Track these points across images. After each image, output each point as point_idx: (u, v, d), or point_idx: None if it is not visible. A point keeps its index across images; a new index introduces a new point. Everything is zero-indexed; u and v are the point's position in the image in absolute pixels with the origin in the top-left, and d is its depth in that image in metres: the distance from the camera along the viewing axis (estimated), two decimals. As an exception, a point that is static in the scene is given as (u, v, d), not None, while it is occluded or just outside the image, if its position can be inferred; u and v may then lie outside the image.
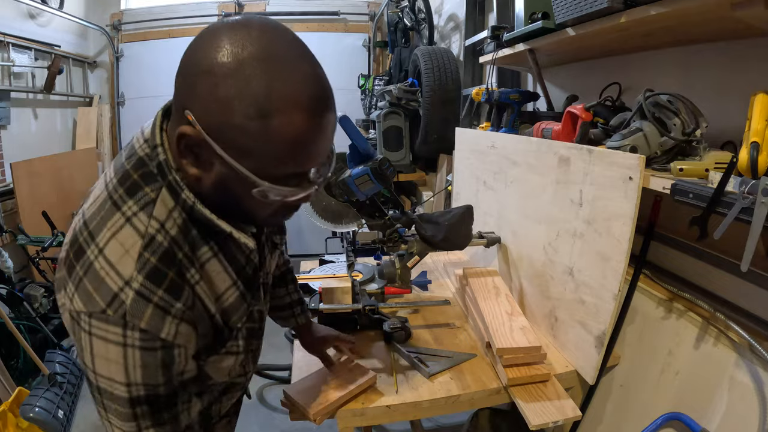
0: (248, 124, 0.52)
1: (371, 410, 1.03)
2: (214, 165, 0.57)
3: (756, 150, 0.75)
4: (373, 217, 1.37)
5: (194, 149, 0.57)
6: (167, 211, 0.60)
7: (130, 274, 0.57)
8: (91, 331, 0.57)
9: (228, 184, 0.58)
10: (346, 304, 1.32)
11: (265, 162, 0.55)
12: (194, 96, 0.54)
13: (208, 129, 0.54)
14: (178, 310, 0.59)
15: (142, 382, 0.58)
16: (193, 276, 0.62)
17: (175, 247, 0.60)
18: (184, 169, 0.59)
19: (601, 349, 1.05)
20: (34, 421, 1.93)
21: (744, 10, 0.80)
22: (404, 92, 2.92)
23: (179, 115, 0.56)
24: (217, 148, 0.54)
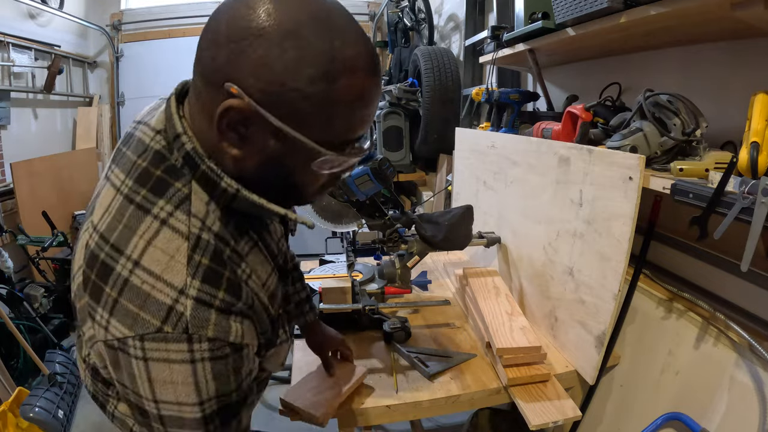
0: (311, 88, 0.47)
1: (371, 410, 1.03)
2: (264, 140, 0.51)
3: (756, 150, 0.75)
4: (373, 217, 1.37)
5: (239, 126, 0.50)
6: (205, 206, 0.55)
7: (183, 282, 0.51)
8: (146, 356, 0.50)
9: (280, 160, 0.53)
10: (346, 304, 1.32)
11: (327, 129, 0.51)
12: (240, 65, 0.47)
13: (260, 100, 0.48)
14: (240, 309, 0.54)
15: (215, 395, 0.53)
16: (244, 271, 0.58)
17: (222, 244, 0.55)
18: (222, 152, 0.53)
19: (601, 349, 1.05)
20: (34, 421, 1.93)
21: (744, 10, 0.80)
22: (404, 92, 2.92)
23: (214, 91, 0.49)
24: (273, 119, 0.48)
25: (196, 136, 0.56)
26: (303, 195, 0.62)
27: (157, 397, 0.52)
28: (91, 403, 0.64)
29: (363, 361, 1.18)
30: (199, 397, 0.52)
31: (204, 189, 0.55)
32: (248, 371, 0.58)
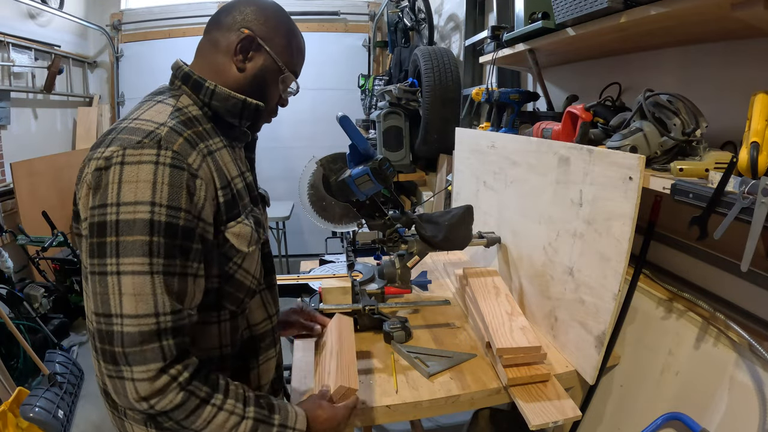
0: (283, 38, 0.84)
1: (371, 410, 1.03)
2: (258, 59, 0.82)
3: (756, 150, 0.75)
4: (373, 217, 1.37)
5: (247, 49, 0.80)
6: (190, 100, 0.79)
7: (164, 120, 0.72)
8: (123, 161, 0.66)
9: (264, 73, 0.83)
10: (346, 304, 1.32)
11: (287, 59, 0.85)
12: (251, 21, 0.81)
13: (262, 38, 0.81)
14: (202, 149, 0.73)
15: (167, 203, 0.65)
16: (212, 144, 0.77)
17: (196, 121, 0.77)
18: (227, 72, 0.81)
19: (601, 349, 1.05)
20: (34, 421, 1.93)
21: (744, 10, 0.80)
22: (404, 92, 2.92)
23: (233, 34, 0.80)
24: (266, 46, 0.82)
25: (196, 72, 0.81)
26: (265, 112, 0.86)
27: (121, 199, 0.64)
28: (91, 402, 0.64)
29: (363, 362, 1.18)
30: (152, 196, 0.65)
31: (192, 91, 0.79)
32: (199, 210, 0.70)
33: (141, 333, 0.64)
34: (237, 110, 0.80)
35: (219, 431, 0.71)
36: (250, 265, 0.83)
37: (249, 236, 0.79)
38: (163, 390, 0.66)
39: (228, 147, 0.81)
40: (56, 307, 3.01)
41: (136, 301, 0.64)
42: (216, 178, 0.74)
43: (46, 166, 3.54)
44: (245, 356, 0.89)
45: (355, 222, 1.59)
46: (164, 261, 0.66)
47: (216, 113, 0.80)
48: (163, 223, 0.65)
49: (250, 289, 0.84)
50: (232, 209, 0.77)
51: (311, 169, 1.54)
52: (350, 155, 1.25)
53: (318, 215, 1.59)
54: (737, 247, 0.77)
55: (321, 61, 4.83)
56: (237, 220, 0.78)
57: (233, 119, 0.81)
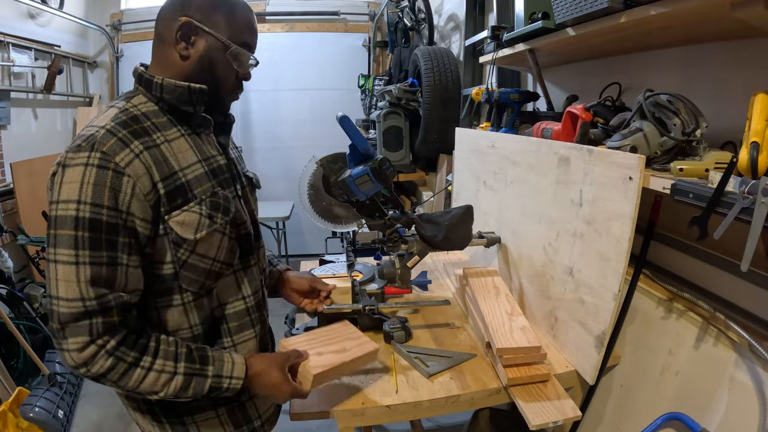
0: (222, 15, 0.84)
1: (371, 410, 1.03)
2: (201, 44, 0.84)
3: (756, 150, 0.75)
4: (373, 217, 1.37)
5: (188, 36, 0.83)
6: (143, 99, 0.85)
7: (105, 123, 0.78)
8: (65, 162, 0.75)
9: (209, 54, 0.84)
10: (346, 304, 1.32)
11: (230, 34, 0.85)
12: (187, 7, 0.83)
13: (199, 21, 0.83)
14: (136, 146, 0.78)
15: (90, 201, 0.73)
16: (159, 137, 0.82)
17: (144, 117, 0.82)
18: (173, 64, 0.84)
19: (601, 349, 1.05)
20: (34, 421, 1.93)
21: (743, 10, 0.80)
22: (404, 92, 2.92)
23: (172, 24, 0.82)
24: (206, 28, 0.83)
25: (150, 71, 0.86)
26: (222, 87, 0.88)
27: (59, 197, 0.74)
28: (91, 402, 0.66)
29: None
30: (78, 195, 0.73)
31: (146, 90, 0.85)
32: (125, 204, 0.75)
33: (71, 314, 0.73)
34: (186, 98, 0.84)
35: (153, 387, 0.79)
36: (207, 249, 0.85)
37: (196, 223, 0.82)
38: (92, 358, 0.75)
39: (187, 135, 0.86)
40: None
41: (66, 286, 0.73)
42: (154, 172, 0.79)
43: (46, 166, 3.51)
44: (219, 334, 0.93)
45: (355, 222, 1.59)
46: (89, 252, 0.74)
47: (171, 105, 0.85)
48: (87, 219, 0.73)
49: (211, 271, 0.87)
50: (175, 198, 0.81)
51: (311, 169, 1.54)
52: (350, 155, 1.25)
53: (318, 215, 1.59)
54: (737, 247, 0.77)
55: (321, 61, 4.83)
56: (183, 208, 0.81)
57: (187, 107, 0.85)
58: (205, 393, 0.83)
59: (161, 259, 0.82)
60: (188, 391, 0.81)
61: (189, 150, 0.85)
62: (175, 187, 0.81)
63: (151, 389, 0.79)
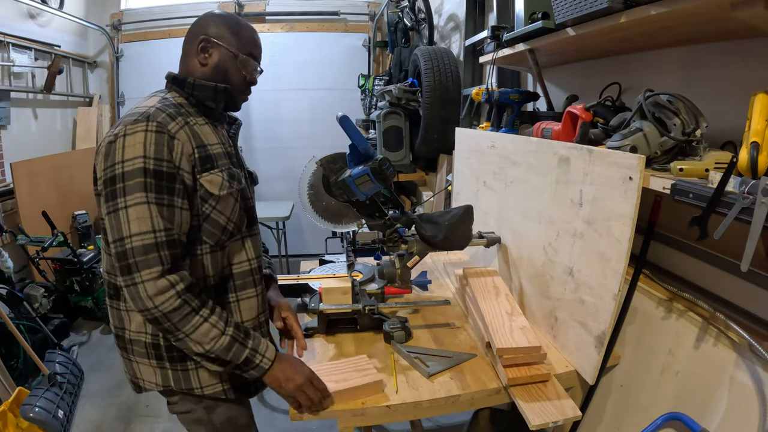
0: (231, 32, 1.06)
1: (371, 410, 1.03)
2: (215, 54, 1.06)
3: (756, 150, 0.75)
4: (373, 217, 1.37)
5: (205, 48, 1.05)
6: (176, 94, 1.06)
7: (153, 104, 0.98)
8: (125, 132, 0.92)
9: (222, 61, 1.06)
10: (346, 304, 1.32)
11: (238, 46, 1.07)
12: (206, 29, 1.06)
13: (214, 37, 1.05)
14: (179, 121, 0.98)
15: (154, 156, 0.92)
16: (192, 120, 1.02)
17: (180, 105, 1.03)
18: (194, 69, 1.06)
19: (601, 349, 1.05)
20: (34, 421, 1.93)
21: (744, 10, 0.80)
22: (404, 92, 2.92)
23: (195, 41, 1.05)
24: (220, 42, 1.05)
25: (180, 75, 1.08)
26: (234, 91, 1.09)
27: (124, 157, 0.91)
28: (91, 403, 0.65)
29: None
30: (144, 152, 0.91)
31: (179, 87, 1.06)
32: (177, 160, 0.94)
33: (144, 246, 0.89)
34: (212, 94, 1.05)
35: (203, 339, 0.93)
36: (224, 207, 1.03)
37: (220, 183, 1.01)
38: (164, 291, 0.89)
39: (209, 125, 1.06)
40: (56, 307, 3.01)
41: (139, 223, 0.90)
42: (192, 141, 0.98)
43: (46, 166, 3.54)
44: (226, 289, 1.09)
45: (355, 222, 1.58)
46: (155, 195, 0.91)
47: (198, 100, 1.05)
48: (152, 170, 0.91)
49: (226, 229, 1.04)
50: (205, 163, 1.00)
51: (311, 169, 1.54)
52: (350, 155, 1.25)
53: (318, 215, 1.59)
54: (737, 247, 0.77)
55: (321, 61, 4.83)
56: (210, 171, 1.00)
57: (211, 103, 1.06)
58: (240, 362, 0.97)
59: (192, 210, 0.99)
60: (228, 353, 0.95)
61: (212, 134, 1.05)
62: (206, 154, 1.01)
63: (201, 339, 0.93)
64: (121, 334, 1.06)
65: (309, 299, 1.39)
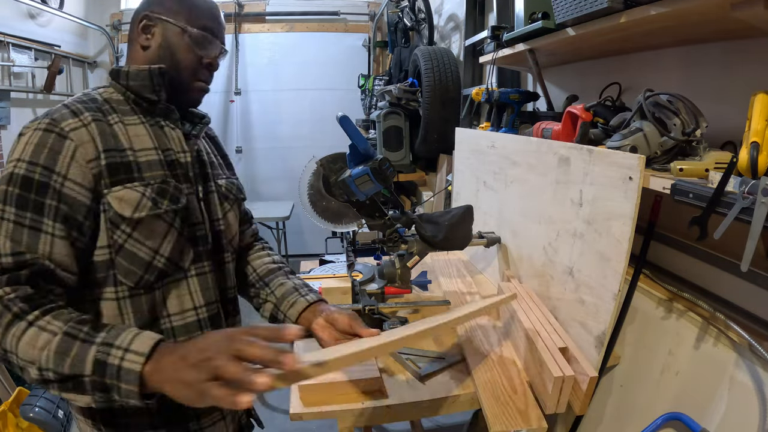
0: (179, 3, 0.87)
1: (371, 410, 1.03)
2: (160, 32, 0.86)
3: (756, 150, 0.75)
4: (373, 217, 1.37)
5: (147, 27, 0.86)
6: (111, 90, 0.87)
7: (66, 101, 0.81)
8: (23, 132, 0.78)
9: (168, 39, 0.86)
10: (346, 304, 1.32)
11: (186, 17, 0.87)
12: (146, 5, 0.87)
13: (157, 13, 0.86)
14: (86, 117, 0.78)
15: (28, 159, 0.73)
16: (113, 118, 0.82)
17: (104, 102, 0.84)
18: (137, 55, 0.87)
19: (601, 349, 1.05)
20: (34, 421, 1.94)
21: (744, 10, 0.80)
22: (404, 92, 2.92)
23: (136, 24, 0.87)
24: (163, 16, 0.86)
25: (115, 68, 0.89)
26: (184, 73, 0.88)
27: (11, 157, 0.75)
28: None
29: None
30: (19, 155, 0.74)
31: (115, 80, 0.87)
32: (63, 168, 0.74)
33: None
34: (148, 81, 0.84)
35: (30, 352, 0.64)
36: (146, 236, 0.79)
37: (136, 202, 0.78)
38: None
39: (149, 125, 0.86)
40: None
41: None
42: (99, 142, 0.78)
43: (46, 166, 3.53)
44: None
45: (355, 222, 1.58)
46: (15, 211, 0.71)
47: (136, 93, 0.86)
48: (20, 175, 0.73)
49: (151, 265, 0.79)
50: (118, 173, 0.78)
51: (311, 169, 1.54)
52: (350, 155, 1.25)
53: (318, 215, 1.59)
54: (737, 247, 0.77)
55: (321, 61, 4.83)
56: (125, 185, 0.78)
57: (150, 94, 0.85)
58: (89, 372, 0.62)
59: (94, 241, 0.77)
60: (65, 360, 0.62)
61: (146, 136, 0.84)
62: (120, 161, 0.79)
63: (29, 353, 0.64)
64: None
65: (309, 299, 1.39)
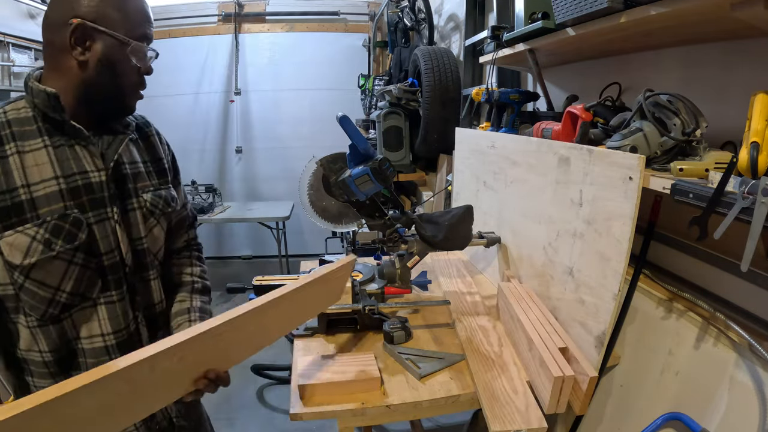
0: (115, 10, 0.80)
1: (371, 410, 1.03)
2: (98, 42, 0.80)
3: (756, 150, 0.75)
4: (373, 217, 1.37)
5: (82, 38, 0.79)
6: (22, 104, 0.81)
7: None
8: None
9: (108, 55, 0.81)
10: (346, 304, 1.32)
11: (128, 29, 0.82)
12: (77, 8, 0.78)
13: (93, 21, 0.78)
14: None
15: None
16: (10, 148, 0.77)
17: (6, 125, 0.78)
18: (68, 71, 0.80)
19: (601, 349, 1.05)
20: (34, 421, 1.93)
21: (743, 10, 0.80)
22: (404, 92, 2.92)
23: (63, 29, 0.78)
24: (101, 27, 0.79)
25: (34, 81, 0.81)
26: (125, 91, 0.86)
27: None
28: None
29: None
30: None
31: (27, 98, 0.81)
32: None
33: None
34: (48, 103, 0.79)
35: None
36: (45, 277, 0.78)
37: (25, 248, 0.75)
38: None
39: (55, 147, 0.80)
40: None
41: None
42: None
43: (46, 166, 3.53)
44: (74, 368, 0.85)
45: (355, 222, 1.59)
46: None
47: (43, 112, 0.80)
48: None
49: (54, 301, 0.80)
50: (9, 217, 0.75)
51: (311, 169, 1.54)
52: (350, 155, 1.25)
53: (318, 215, 1.59)
54: (737, 247, 0.77)
55: (321, 61, 4.83)
56: (16, 228, 0.75)
57: (54, 114, 0.80)
58: None
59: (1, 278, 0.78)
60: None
61: (46, 165, 0.79)
62: (11, 204, 0.76)
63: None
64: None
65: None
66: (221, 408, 2.43)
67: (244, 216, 4.10)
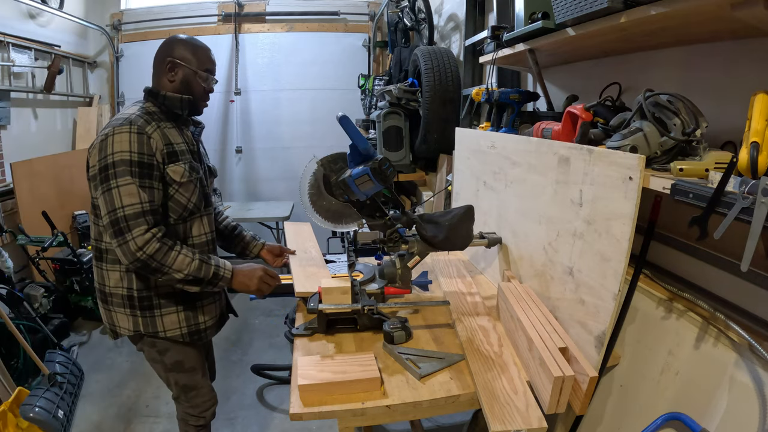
0: (190, 54, 1.38)
1: (371, 410, 1.03)
2: (180, 72, 1.37)
3: (756, 150, 0.75)
4: (374, 217, 1.37)
5: (173, 68, 1.36)
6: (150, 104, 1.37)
7: (134, 112, 1.31)
8: (114, 132, 1.24)
9: (186, 77, 1.38)
10: (346, 304, 1.32)
11: (197, 64, 1.39)
12: (171, 53, 1.37)
13: (179, 59, 1.37)
14: (153, 126, 1.30)
15: (137, 150, 1.24)
16: (162, 125, 1.33)
17: (153, 113, 1.35)
18: (164, 85, 1.38)
19: (601, 349, 1.05)
20: (34, 421, 1.93)
21: (744, 10, 0.80)
22: (404, 92, 2.92)
23: (163, 63, 1.37)
24: (182, 62, 1.37)
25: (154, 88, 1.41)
26: (196, 96, 1.41)
27: (114, 151, 1.23)
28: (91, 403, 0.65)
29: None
30: (129, 147, 1.24)
31: (154, 99, 1.37)
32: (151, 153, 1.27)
33: (134, 213, 1.23)
34: (179, 104, 1.37)
35: (181, 266, 1.28)
36: (186, 191, 1.35)
37: (182, 173, 1.33)
38: (149, 240, 1.23)
39: (176, 128, 1.37)
40: (56, 307, 3.01)
41: (129, 197, 1.23)
42: (162, 140, 1.30)
43: (46, 166, 3.54)
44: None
45: (355, 222, 1.59)
46: (139, 179, 1.24)
47: (168, 109, 1.37)
48: (136, 161, 1.24)
49: (187, 207, 1.37)
50: (172, 157, 1.32)
51: (311, 169, 1.53)
52: (350, 155, 1.25)
53: (318, 215, 1.59)
54: (737, 247, 0.77)
55: (321, 61, 4.83)
56: (175, 163, 1.32)
57: (178, 110, 1.38)
58: (210, 277, 1.32)
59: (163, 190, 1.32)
60: (201, 272, 1.30)
61: (177, 135, 1.37)
62: (172, 150, 1.33)
63: (180, 267, 1.27)
64: (103, 289, 1.40)
65: (309, 299, 1.39)
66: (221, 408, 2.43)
67: (244, 216, 4.10)
